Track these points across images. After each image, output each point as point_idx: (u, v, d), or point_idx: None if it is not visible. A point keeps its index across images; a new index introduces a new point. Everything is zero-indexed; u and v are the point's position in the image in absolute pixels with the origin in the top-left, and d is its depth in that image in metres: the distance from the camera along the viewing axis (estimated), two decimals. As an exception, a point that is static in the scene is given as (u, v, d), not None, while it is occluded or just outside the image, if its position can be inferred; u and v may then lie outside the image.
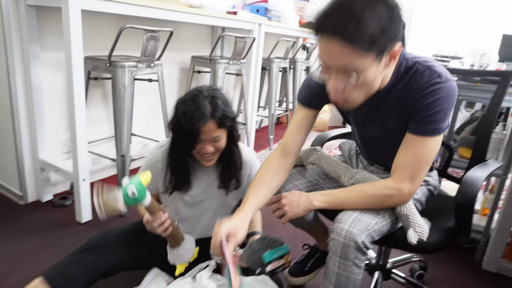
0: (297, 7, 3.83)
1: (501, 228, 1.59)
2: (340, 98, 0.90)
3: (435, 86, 0.88)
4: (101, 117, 2.21)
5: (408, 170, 0.94)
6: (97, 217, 1.81)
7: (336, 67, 0.84)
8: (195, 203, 1.20)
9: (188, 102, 1.05)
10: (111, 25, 2.10)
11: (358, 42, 0.77)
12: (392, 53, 0.85)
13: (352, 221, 0.93)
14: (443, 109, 0.88)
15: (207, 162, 1.12)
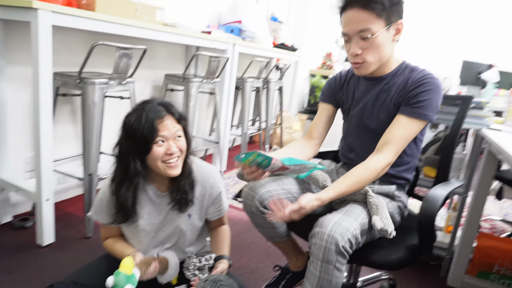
0: (271, 28, 3.94)
1: (463, 244, 1.65)
2: (358, 61, 1.11)
3: (428, 79, 1.11)
4: (69, 134, 2.15)
5: (397, 145, 1.10)
6: (60, 240, 1.73)
7: (354, 32, 1.06)
8: (157, 230, 1.13)
9: (138, 109, 1.00)
10: (82, 41, 2.07)
11: (372, 7, 1.02)
12: (397, 27, 1.09)
13: (333, 226, 0.97)
14: (431, 98, 1.09)
15: (173, 168, 1.01)
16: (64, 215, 2.00)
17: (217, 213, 1.21)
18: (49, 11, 1.47)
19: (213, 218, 1.21)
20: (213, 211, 1.19)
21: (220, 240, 1.21)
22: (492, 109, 1.85)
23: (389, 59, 1.16)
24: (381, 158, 1.09)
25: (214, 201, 1.18)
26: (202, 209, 1.18)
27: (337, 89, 1.33)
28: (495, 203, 2.98)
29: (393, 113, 1.15)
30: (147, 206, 1.10)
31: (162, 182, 1.10)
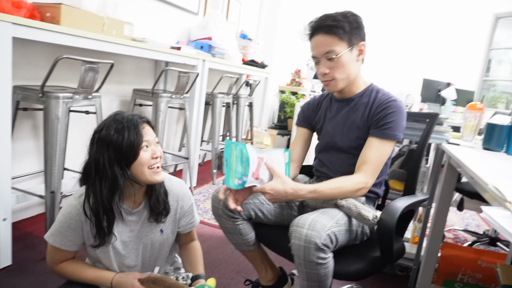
0: (241, 45, 3.99)
1: (428, 255, 1.70)
2: (327, 79, 1.22)
3: (392, 102, 1.21)
4: (30, 150, 2.05)
5: (373, 167, 1.17)
6: (18, 262, 1.63)
7: (321, 54, 1.19)
8: (129, 249, 1.09)
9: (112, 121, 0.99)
10: (46, 54, 2.01)
11: (335, 31, 1.15)
12: (359, 48, 1.21)
13: (310, 224, 0.99)
14: (397, 119, 1.19)
15: (158, 174, 1.02)
16: (23, 235, 1.89)
17: (189, 226, 1.19)
18: (9, 23, 1.42)
19: (185, 231, 1.19)
20: (185, 223, 1.18)
21: (194, 259, 1.18)
22: (451, 125, 1.95)
23: (357, 81, 1.27)
24: (360, 176, 1.16)
25: (185, 213, 1.17)
26: (174, 223, 1.16)
27: (310, 113, 1.42)
28: (457, 214, 3.11)
29: (361, 132, 1.24)
30: (118, 225, 1.06)
31: (132, 198, 1.07)
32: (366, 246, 1.21)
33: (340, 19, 1.16)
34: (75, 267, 1.08)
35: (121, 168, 0.98)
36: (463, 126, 1.80)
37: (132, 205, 1.07)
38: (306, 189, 1.07)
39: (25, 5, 1.67)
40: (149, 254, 1.13)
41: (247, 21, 4.43)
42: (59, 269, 1.08)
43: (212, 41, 3.07)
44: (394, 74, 5.96)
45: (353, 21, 1.18)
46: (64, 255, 1.07)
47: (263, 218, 1.28)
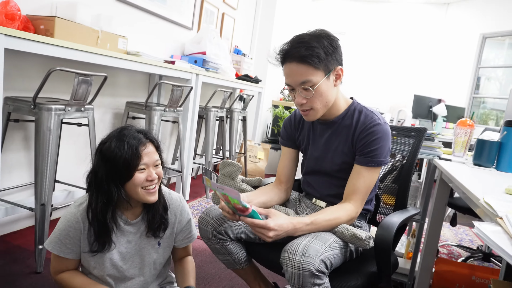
0: (234, 60, 4.03)
1: (423, 270, 1.69)
2: (305, 108, 1.15)
3: (376, 127, 1.15)
4: (20, 162, 2.02)
5: (361, 195, 1.16)
6: (5, 276, 1.58)
7: (296, 84, 1.11)
8: (126, 260, 1.09)
9: (116, 136, 1.00)
10: (39, 66, 2.00)
11: (309, 60, 1.07)
12: (336, 73, 1.13)
13: (302, 250, 0.95)
14: (382, 145, 1.15)
15: (152, 195, 1.02)
16: (12, 249, 1.84)
17: (185, 241, 1.19)
18: (2, 34, 1.42)
19: (182, 245, 1.19)
20: (182, 238, 1.19)
21: (186, 272, 1.17)
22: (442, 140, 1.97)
23: (336, 103, 1.20)
24: (351, 206, 1.15)
25: (183, 228, 1.18)
26: (171, 236, 1.17)
27: (292, 131, 1.37)
28: (450, 229, 3.11)
29: (346, 157, 1.21)
30: (116, 235, 1.06)
31: (132, 209, 1.08)
32: (360, 261, 1.20)
33: (315, 45, 1.07)
34: (70, 277, 1.06)
35: (115, 185, 0.99)
36: (454, 142, 1.82)
37: (131, 216, 1.08)
38: (303, 223, 1.05)
39: (19, 17, 1.67)
40: (145, 266, 1.13)
41: (240, 36, 4.49)
42: (59, 278, 1.07)
43: (206, 56, 3.09)
44: (386, 89, 6.05)
45: (328, 45, 1.09)
46: (64, 264, 1.07)
47: (255, 239, 1.25)
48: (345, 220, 1.12)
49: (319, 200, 1.30)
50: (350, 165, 1.20)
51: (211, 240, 1.20)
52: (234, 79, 3.53)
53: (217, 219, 1.19)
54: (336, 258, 1.04)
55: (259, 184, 1.45)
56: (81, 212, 1.03)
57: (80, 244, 1.04)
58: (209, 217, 1.20)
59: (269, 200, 1.27)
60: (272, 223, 0.99)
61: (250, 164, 4.02)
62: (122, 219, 1.07)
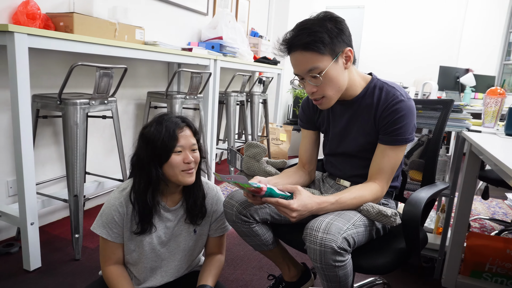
0: (252, 43, 3.98)
1: (454, 245, 1.66)
2: (317, 97, 1.11)
3: (399, 104, 1.09)
4: (51, 156, 2.10)
5: (386, 175, 1.14)
6: (47, 264, 1.68)
7: (304, 72, 1.07)
8: (163, 244, 1.14)
9: (157, 121, 1.05)
10: (62, 62, 2.06)
11: (312, 47, 1.02)
12: (346, 55, 1.08)
13: (325, 227, 0.95)
14: (407, 123, 1.10)
15: (189, 176, 1.05)
16: (51, 238, 1.94)
17: (219, 230, 1.22)
18: (25, 34, 1.45)
19: (215, 234, 1.22)
20: (216, 228, 1.22)
21: (208, 269, 1.18)
22: (471, 112, 1.89)
23: (352, 83, 1.15)
24: (377, 186, 1.13)
25: (218, 218, 1.21)
26: (206, 225, 1.21)
27: (311, 113, 1.33)
28: (483, 203, 3.03)
29: (370, 137, 1.17)
30: (155, 220, 1.11)
31: (171, 196, 1.12)
32: (389, 238, 1.19)
33: (317, 29, 1.02)
34: (116, 274, 1.10)
35: (155, 166, 1.03)
36: (483, 113, 1.75)
37: (170, 203, 1.12)
38: (328, 202, 1.05)
39: (39, 16, 1.71)
40: (181, 252, 1.17)
41: (256, 18, 4.42)
42: (108, 272, 1.11)
43: (223, 41, 3.08)
44: (410, 63, 5.83)
45: (332, 28, 1.03)
46: (112, 250, 1.11)
47: (281, 220, 1.26)
48: (370, 199, 1.10)
49: (343, 180, 1.29)
50: (373, 145, 1.17)
51: (237, 223, 1.22)
52: (252, 62, 3.50)
53: (241, 203, 1.20)
54: (360, 236, 1.03)
55: (283, 166, 1.45)
56: (124, 196, 1.08)
57: (122, 227, 1.09)
58: (233, 201, 1.21)
59: (294, 183, 1.27)
60: (295, 204, 0.99)
61: (273, 147, 4.02)
62: (161, 205, 1.11)
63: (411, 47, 5.88)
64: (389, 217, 1.03)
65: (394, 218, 1.03)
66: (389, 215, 1.03)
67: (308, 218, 1.24)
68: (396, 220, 1.03)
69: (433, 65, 4.77)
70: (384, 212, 1.04)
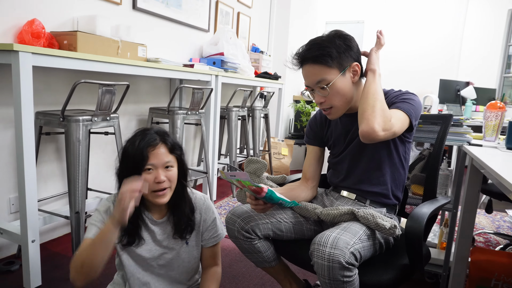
0: (252, 58, 4.03)
1: (458, 260, 1.64)
2: (325, 107, 1.19)
3: (408, 93, 1.19)
4: (53, 173, 2.11)
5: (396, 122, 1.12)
6: (48, 281, 1.66)
7: (313, 84, 1.16)
8: (155, 257, 1.13)
9: (135, 135, 1.05)
10: (65, 79, 2.08)
11: (322, 60, 1.12)
12: (353, 69, 1.16)
13: (332, 242, 0.96)
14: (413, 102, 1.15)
15: (160, 197, 1.02)
16: (52, 255, 1.93)
17: (212, 240, 1.20)
18: (29, 53, 1.48)
19: (208, 244, 1.20)
20: (208, 237, 1.19)
21: (207, 286, 1.17)
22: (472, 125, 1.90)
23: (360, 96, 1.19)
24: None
25: (208, 227, 1.19)
26: (198, 235, 1.19)
27: (318, 129, 1.38)
28: (487, 217, 3.00)
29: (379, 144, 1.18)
30: (144, 233, 1.10)
31: (157, 209, 1.11)
32: (392, 254, 1.18)
33: (326, 45, 1.12)
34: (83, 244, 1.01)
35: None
36: (484, 126, 1.75)
37: (157, 215, 1.12)
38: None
39: (44, 34, 1.75)
40: (175, 264, 1.16)
41: (257, 34, 4.48)
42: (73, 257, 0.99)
43: (224, 56, 3.12)
44: (410, 76, 5.87)
45: (340, 44, 1.13)
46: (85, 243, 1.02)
47: (283, 236, 1.26)
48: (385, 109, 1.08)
49: (348, 192, 1.29)
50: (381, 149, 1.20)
51: (239, 240, 1.22)
52: (254, 77, 3.53)
53: (243, 218, 1.20)
54: (365, 250, 1.03)
55: (283, 181, 1.46)
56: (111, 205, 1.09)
57: None
58: (235, 216, 1.22)
59: (296, 197, 1.28)
60: None
61: (275, 161, 4.02)
62: (148, 218, 1.10)
63: (411, 61, 5.93)
64: (387, 229, 1.03)
65: (393, 230, 1.03)
66: (387, 228, 1.03)
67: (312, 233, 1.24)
68: (395, 232, 1.03)
69: (433, 78, 4.80)
70: (381, 225, 1.04)
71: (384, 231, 1.04)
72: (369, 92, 1.12)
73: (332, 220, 1.16)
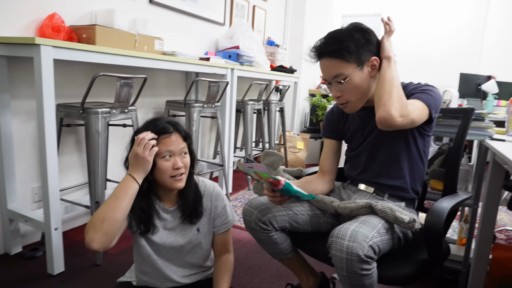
0: (268, 52, 4.01)
1: (478, 257, 1.61)
2: (341, 102, 1.18)
3: (428, 85, 1.16)
4: (74, 163, 2.16)
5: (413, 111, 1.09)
6: (70, 268, 1.71)
7: (330, 78, 1.14)
8: (168, 245, 1.15)
9: (146, 125, 1.08)
10: (84, 73, 2.12)
11: (339, 54, 1.09)
12: (371, 64, 1.13)
13: (351, 235, 0.95)
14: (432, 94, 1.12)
15: (179, 181, 1.06)
16: (73, 244, 1.99)
17: (223, 226, 1.21)
18: (50, 46, 1.51)
19: (220, 231, 1.21)
20: (219, 224, 1.21)
21: (220, 274, 1.19)
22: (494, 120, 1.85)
23: None
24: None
25: (219, 214, 1.20)
26: (210, 222, 1.20)
27: (335, 123, 1.37)
28: (509, 213, 2.92)
29: (397, 137, 1.17)
30: (156, 221, 1.13)
31: (168, 198, 1.14)
32: (410, 249, 1.16)
33: (344, 39, 1.09)
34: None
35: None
36: (507, 121, 1.70)
37: (168, 204, 1.14)
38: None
39: (64, 28, 1.78)
40: (188, 252, 1.17)
41: (273, 27, 4.45)
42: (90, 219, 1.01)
43: (240, 50, 3.11)
44: (429, 70, 5.74)
45: (359, 38, 1.10)
46: None
47: (299, 228, 1.26)
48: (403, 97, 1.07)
49: (366, 186, 1.28)
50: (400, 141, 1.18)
51: (256, 231, 1.22)
52: (269, 71, 3.52)
53: (260, 210, 1.21)
54: (384, 244, 1.02)
55: (300, 174, 1.45)
56: None
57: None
58: (252, 208, 1.22)
59: (313, 190, 1.28)
60: None
61: (290, 155, 4.01)
62: (160, 207, 1.13)
63: (430, 54, 5.79)
64: (406, 223, 1.02)
65: (412, 223, 1.01)
66: (406, 222, 1.02)
67: (328, 226, 1.23)
68: (414, 226, 1.01)
69: (453, 72, 4.68)
70: (400, 219, 1.02)
71: (403, 224, 1.02)
72: (385, 79, 1.10)
73: (349, 214, 1.15)
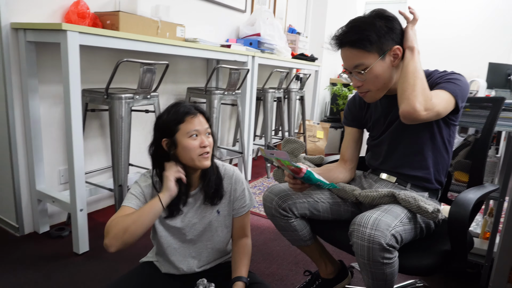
0: (289, 39, 3.96)
1: (502, 251, 1.57)
2: (362, 91, 1.15)
3: (454, 73, 1.11)
4: (98, 147, 2.22)
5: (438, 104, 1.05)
6: (94, 249, 1.77)
7: (351, 68, 1.11)
8: (189, 228, 1.17)
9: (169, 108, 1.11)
10: (108, 58, 2.16)
11: (360, 44, 1.06)
12: (394, 53, 1.09)
13: (373, 223, 0.94)
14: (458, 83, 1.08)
15: (206, 159, 1.10)
16: (97, 225, 2.06)
17: (242, 209, 1.22)
18: (76, 32, 1.54)
19: (239, 213, 1.22)
20: (238, 207, 1.22)
21: (239, 259, 1.20)
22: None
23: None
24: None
25: (238, 197, 1.22)
26: (229, 204, 1.22)
27: (357, 111, 1.35)
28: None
29: (421, 127, 1.14)
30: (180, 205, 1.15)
31: (190, 181, 1.16)
32: (432, 239, 1.15)
33: (366, 27, 1.05)
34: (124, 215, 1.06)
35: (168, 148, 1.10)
36: (539, 111, 1.63)
37: (190, 187, 1.16)
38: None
39: (88, 15, 1.81)
40: (209, 234, 1.20)
41: (294, 15, 4.39)
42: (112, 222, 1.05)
43: (261, 37, 3.08)
44: (455, 59, 5.55)
45: (381, 27, 1.06)
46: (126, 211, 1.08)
47: (319, 215, 1.26)
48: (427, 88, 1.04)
49: (388, 175, 1.26)
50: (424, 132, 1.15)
51: (276, 217, 1.23)
52: (290, 59, 3.48)
53: (281, 196, 1.21)
54: (406, 233, 1.01)
55: (321, 162, 1.44)
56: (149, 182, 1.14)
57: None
58: (273, 194, 1.22)
59: (333, 178, 1.27)
60: None
61: (310, 144, 3.99)
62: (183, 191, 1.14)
63: (457, 43, 5.59)
64: (430, 213, 1.00)
65: (436, 214, 1.00)
66: (430, 212, 1.00)
67: (349, 214, 1.22)
68: (437, 216, 1.00)
69: (481, 62, 4.50)
70: (424, 209, 1.00)
71: (426, 214, 1.01)
72: (409, 71, 1.06)
73: (371, 202, 1.13)
